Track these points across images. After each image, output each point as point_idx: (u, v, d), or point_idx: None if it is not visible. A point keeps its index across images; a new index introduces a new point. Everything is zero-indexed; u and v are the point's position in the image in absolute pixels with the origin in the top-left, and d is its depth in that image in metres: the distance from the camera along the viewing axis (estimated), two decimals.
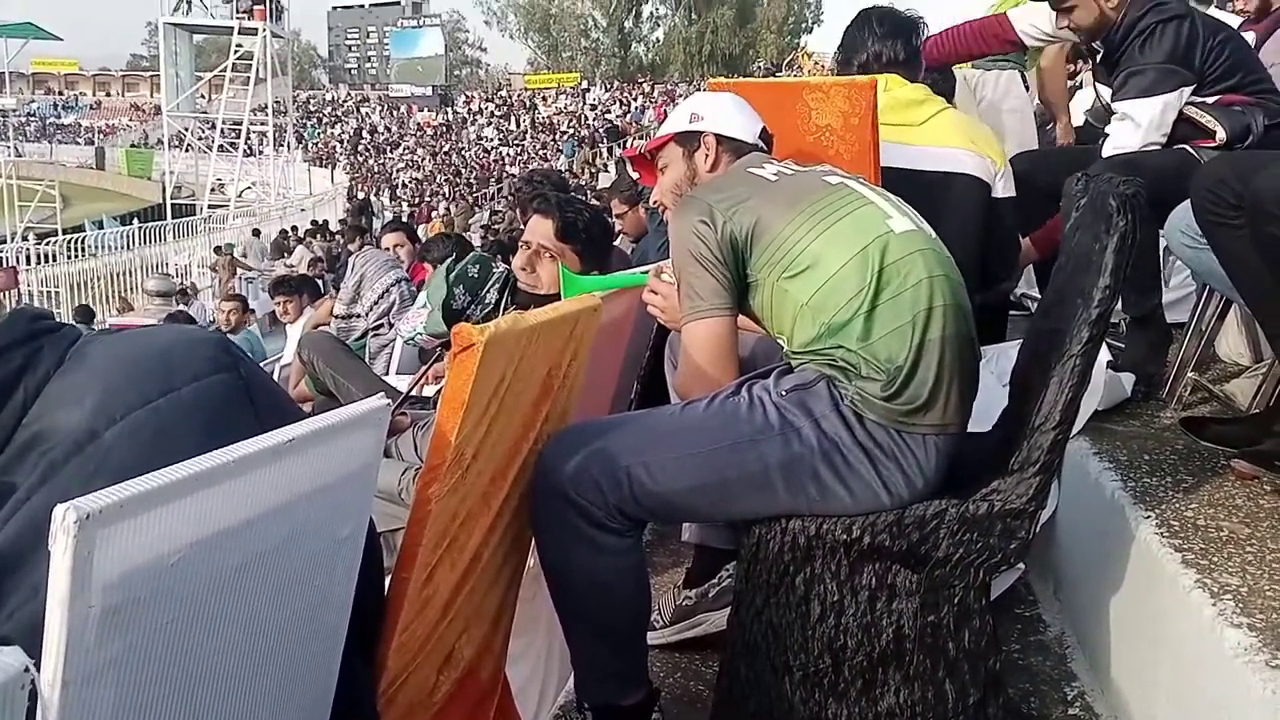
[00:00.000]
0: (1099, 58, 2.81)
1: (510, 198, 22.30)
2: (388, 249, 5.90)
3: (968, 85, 4.04)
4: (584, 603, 1.71)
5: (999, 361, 2.71)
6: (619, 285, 2.23)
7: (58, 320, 1.19)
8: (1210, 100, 2.55)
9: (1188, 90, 2.54)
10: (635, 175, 2.42)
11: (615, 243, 3.74)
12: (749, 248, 1.71)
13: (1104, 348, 2.43)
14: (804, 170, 1.88)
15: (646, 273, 2.16)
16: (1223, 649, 1.37)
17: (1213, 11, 5.05)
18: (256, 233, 20.69)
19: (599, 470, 1.62)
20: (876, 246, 1.62)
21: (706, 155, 1.99)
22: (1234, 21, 4.95)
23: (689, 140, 2.02)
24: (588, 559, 1.65)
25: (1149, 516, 1.77)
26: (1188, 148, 2.53)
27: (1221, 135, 2.50)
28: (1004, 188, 2.75)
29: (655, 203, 2.21)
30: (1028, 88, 4.16)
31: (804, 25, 52.43)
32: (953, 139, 2.71)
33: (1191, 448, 2.11)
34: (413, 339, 3.10)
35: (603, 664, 1.76)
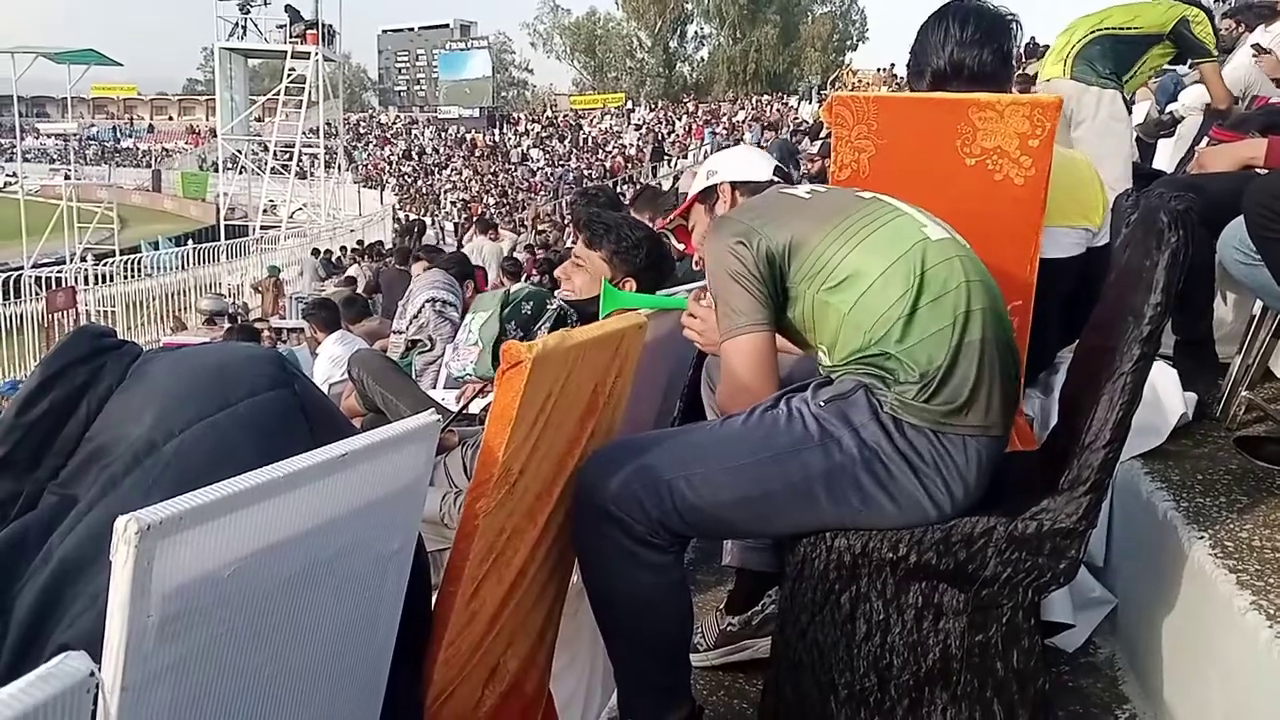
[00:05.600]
0: None
1: (550, 219, 22.37)
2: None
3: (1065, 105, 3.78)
4: (626, 619, 1.71)
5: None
6: (659, 305, 2.24)
7: (119, 338, 1.22)
8: None
9: None
10: (680, 246, 2.44)
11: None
12: (787, 262, 1.73)
13: (1172, 370, 2.39)
14: (836, 189, 1.92)
15: (686, 295, 2.17)
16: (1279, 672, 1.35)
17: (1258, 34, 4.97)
18: (316, 252, 20.86)
19: (641, 485, 1.62)
20: (916, 252, 1.63)
21: (724, 202, 2.18)
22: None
23: (708, 195, 2.23)
24: (629, 575, 1.65)
25: (1202, 537, 1.74)
26: (1255, 170, 2.47)
27: None
28: (1102, 238, 2.34)
29: (698, 264, 2.30)
30: (1130, 106, 3.75)
31: (849, 42, 52.36)
32: (1055, 217, 2.18)
33: (1246, 467, 2.07)
34: (461, 378, 3.10)
35: (645, 680, 1.76)
